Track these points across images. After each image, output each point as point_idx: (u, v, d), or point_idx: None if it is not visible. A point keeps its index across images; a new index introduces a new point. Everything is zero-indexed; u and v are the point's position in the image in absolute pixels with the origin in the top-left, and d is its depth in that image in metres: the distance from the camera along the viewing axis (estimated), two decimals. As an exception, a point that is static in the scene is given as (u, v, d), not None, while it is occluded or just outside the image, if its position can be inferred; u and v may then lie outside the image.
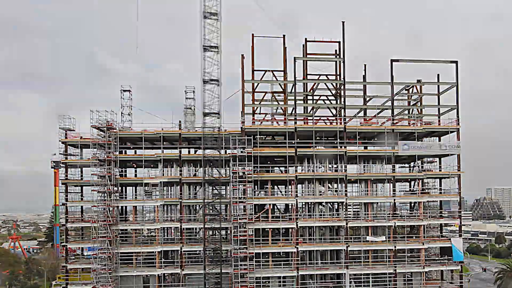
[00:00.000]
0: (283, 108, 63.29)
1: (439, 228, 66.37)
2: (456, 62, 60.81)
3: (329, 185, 62.04)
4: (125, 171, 63.45)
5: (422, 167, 62.63)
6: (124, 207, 63.57)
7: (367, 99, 65.88)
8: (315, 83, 61.72)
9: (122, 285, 56.06)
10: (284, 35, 59.50)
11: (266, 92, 61.74)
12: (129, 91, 62.08)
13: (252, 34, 58.55)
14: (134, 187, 64.93)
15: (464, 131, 60.15)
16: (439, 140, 65.65)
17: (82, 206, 61.96)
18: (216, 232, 55.68)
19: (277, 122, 64.84)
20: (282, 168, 61.83)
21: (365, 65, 64.39)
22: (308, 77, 60.91)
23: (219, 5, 52.66)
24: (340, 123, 59.44)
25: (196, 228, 60.20)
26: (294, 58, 59.19)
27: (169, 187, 60.11)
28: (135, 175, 64.77)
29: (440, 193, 63.67)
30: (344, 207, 58.41)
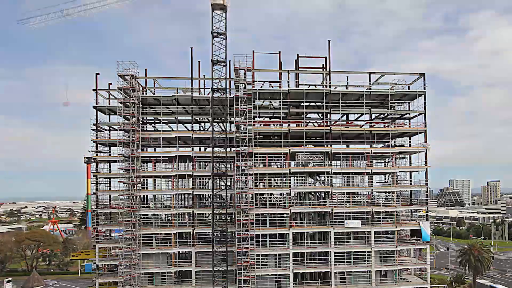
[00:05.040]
0: (279, 113, 63.33)
1: (409, 214, 66.59)
2: (423, 74, 61.08)
3: (317, 177, 62.28)
4: (146, 165, 63.60)
5: (395, 162, 62.72)
6: (145, 196, 63.78)
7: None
8: (305, 92, 61.60)
9: (143, 261, 56.43)
10: (279, 52, 59.88)
11: (264, 99, 61.77)
12: None
13: (253, 51, 58.66)
14: (153, 179, 64.98)
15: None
16: (410, 140, 65.80)
17: (110, 195, 62.13)
18: (223, 216, 55.85)
19: (273, 125, 64.88)
20: (278, 163, 61.80)
21: (347, 76, 64.53)
22: (300, 86, 60.83)
23: (225, 26, 52.87)
24: (327, 126, 59.59)
25: (206, 213, 60.29)
26: (288, 71, 59.42)
27: (183, 179, 60.34)
28: (155, 169, 64.76)
29: (410, 184, 63.83)
30: (330, 195, 58.58)
